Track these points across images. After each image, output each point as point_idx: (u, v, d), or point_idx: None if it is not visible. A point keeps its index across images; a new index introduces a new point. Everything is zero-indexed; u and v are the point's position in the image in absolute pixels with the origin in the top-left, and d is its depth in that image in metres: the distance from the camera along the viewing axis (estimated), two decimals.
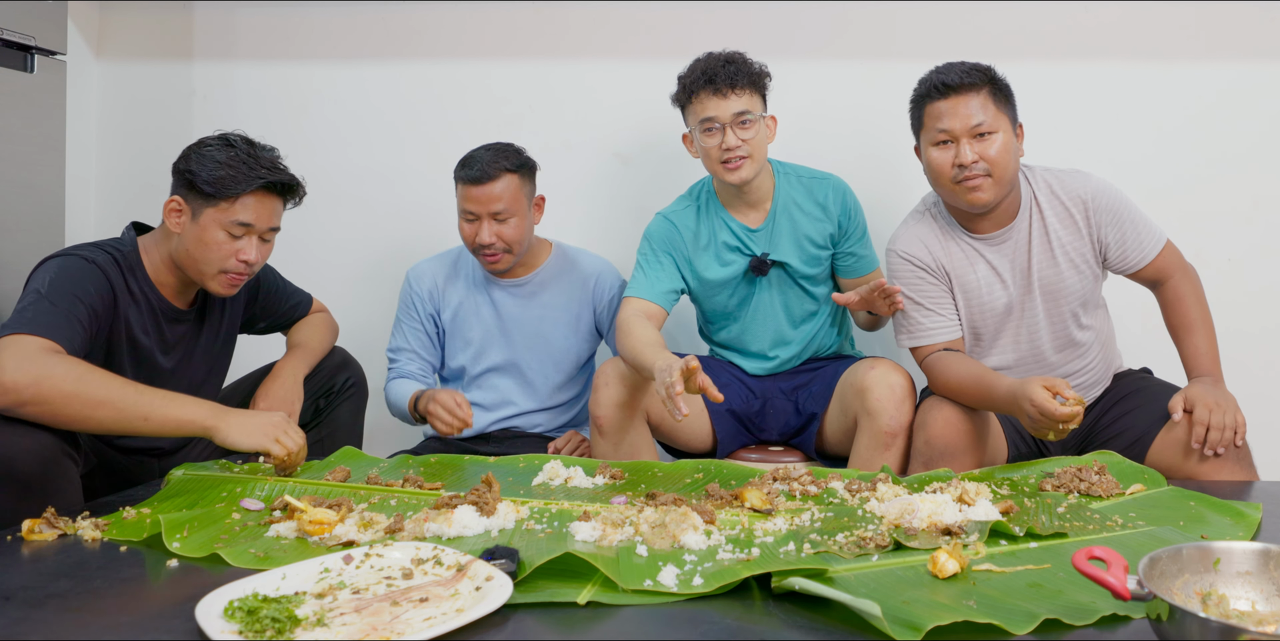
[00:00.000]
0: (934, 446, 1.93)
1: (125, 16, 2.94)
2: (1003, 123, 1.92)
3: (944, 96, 1.92)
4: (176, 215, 1.87)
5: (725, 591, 1.23)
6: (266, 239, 1.92)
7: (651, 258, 2.28)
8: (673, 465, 1.91)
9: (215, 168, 1.82)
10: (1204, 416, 1.82)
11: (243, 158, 1.84)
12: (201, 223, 1.85)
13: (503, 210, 2.25)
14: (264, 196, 1.87)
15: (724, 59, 2.17)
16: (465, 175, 2.26)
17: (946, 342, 2.04)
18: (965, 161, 1.90)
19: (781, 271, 2.29)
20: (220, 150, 1.85)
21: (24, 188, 2.35)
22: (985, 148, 1.90)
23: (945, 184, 1.96)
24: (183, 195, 1.87)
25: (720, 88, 2.14)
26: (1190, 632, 0.97)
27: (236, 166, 1.83)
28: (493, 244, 2.26)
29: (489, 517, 1.51)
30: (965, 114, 1.91)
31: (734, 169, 2.16)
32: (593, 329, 2.44)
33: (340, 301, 2.84)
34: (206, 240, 1.85)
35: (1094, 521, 1.50)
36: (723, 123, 2.14)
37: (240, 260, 1.87)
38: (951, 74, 1.92)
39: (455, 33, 2.83)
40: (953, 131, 1.91)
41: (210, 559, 1.37)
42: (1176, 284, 2.02)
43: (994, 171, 1.91)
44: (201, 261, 1.87)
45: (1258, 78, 2.56)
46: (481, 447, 2.37)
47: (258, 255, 1.89)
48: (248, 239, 1.87)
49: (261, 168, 1.85)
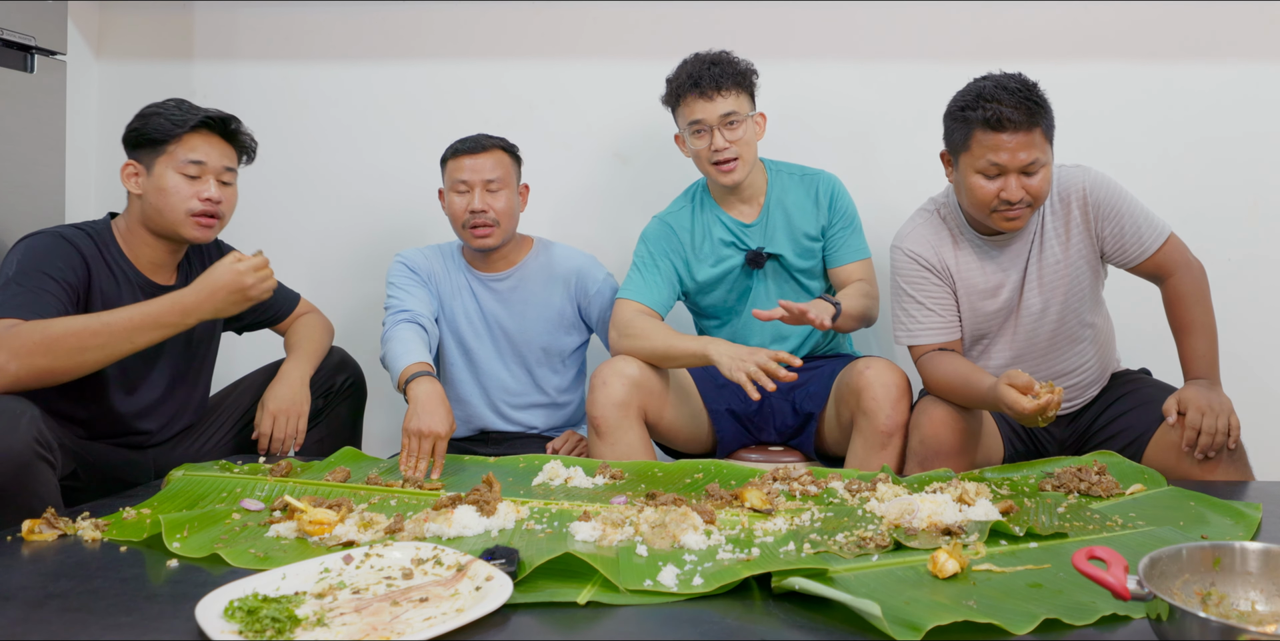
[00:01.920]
0: (928, 445, 1.93)
1: (125, 16, 2.94)
2: (1049, 153, 1.90)
3: (1000, 130, 1.85)
4: (135, 178, 1.93)
5: (725, 591, 1.23)
6: (226, 181, 1.96)
7: (649, 261, 2.29)
8: (673, 465, 1.91)
9: (154, 119, 1.91)
10: (1196, 420, 1.83)
11: (182, 106, 1.95)
12: (156, 172, 1.91)
13: (495, 180, 2.28)
14: (207, 135, 1.94)
15: (709, 60, 2.19)
16: (458, 147, 2.31)
17: (943, 343, 2.04)
18: (1013, 199, 1.88)
19: (777, 265, 2.30)
20: (159, 106, 1.95)
21: (24, 188, 2.35)
22: (1031, 181, 1.88)
23: (982, 211, 1.93)
24: (134, 156, 1.94)
25: (706, 90, 2.16)
26: (1190, 632, 0.97)
27: (173, 112, 1.93)
28: (486, 211, 2.26)
29: (489, 517, 1.51)
30: (1021, 152, 1.85)
31: (727, 171, 2.20)
32: (577, 322, 2.44)
33: (340, 301, 2.85)
34: (165, 187, 1.90)
35: (1094, 521, 1.50)
36: (710, 124, 2.17)
37: (203, 199, 1.92)
38: (1010, 106, 1.84)
39: (455, 33, 2.83)
40: (1004, 166, 1.87)
41: (210, 559, 1.37)
42: (1178, 282, 2.01)
43: (1035, 202, 1.90)
44: (166, 209, 1.91)
45: (1258, 78, 2.56)
46: (480, 448, 2.37)
47: (219, 194, 1.93)
48: (204, 179, 1.92)
49: (198, 109, 1.95)
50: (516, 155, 2.37)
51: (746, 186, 2.27)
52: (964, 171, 1.92)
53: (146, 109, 1.95)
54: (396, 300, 2.29)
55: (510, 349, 2.40)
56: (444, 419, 1.90)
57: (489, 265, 2.39)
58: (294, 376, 2.12)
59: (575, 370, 2.48)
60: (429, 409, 1.91)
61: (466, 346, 2.40)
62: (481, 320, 2.40)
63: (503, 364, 2.41)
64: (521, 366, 2.41)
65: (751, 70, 2.23)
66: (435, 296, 2.37)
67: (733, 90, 2.17)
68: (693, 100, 2.17)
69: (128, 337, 1.73)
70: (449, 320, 2.39)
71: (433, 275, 2.38)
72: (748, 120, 2.19)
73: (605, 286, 2.40)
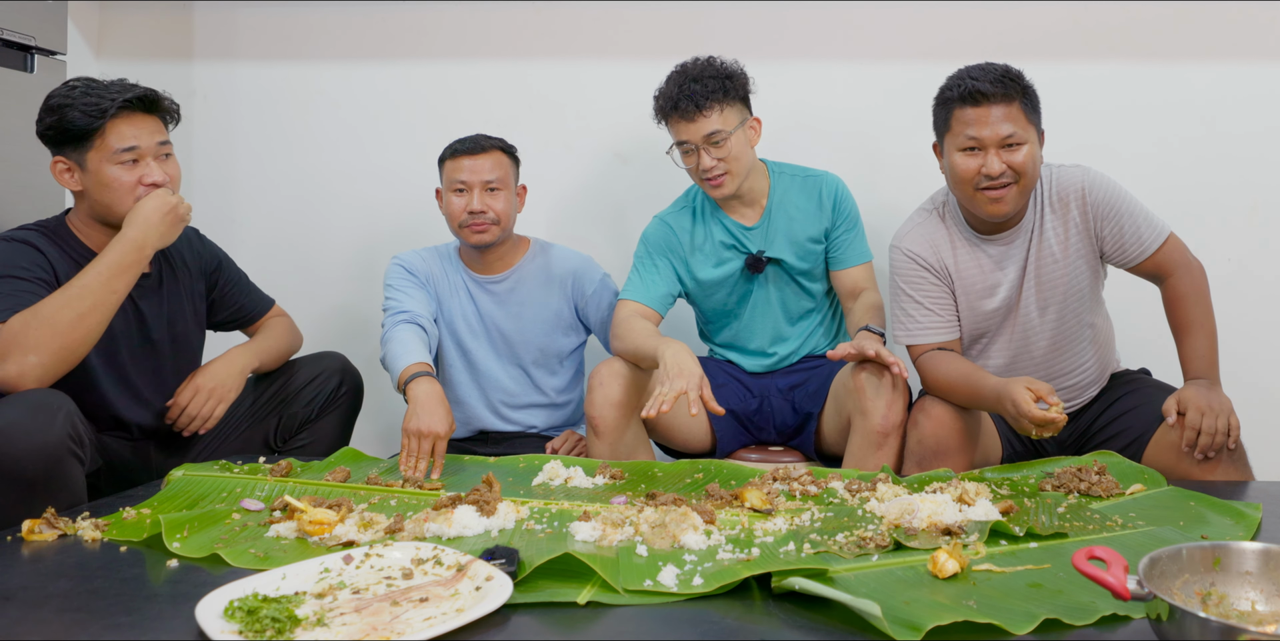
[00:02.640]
0: (926, 445, 1.93)
1: (125, 16, 2.94)
2: (1031, 133, 1.91)
3: (976, 104, 1.88)
4: (68, 174, 1.87)
5: (725, 591, 1.23)
6: (165, 155, 1.90)
7: (648, 261, 2.29)
8: (673, 465, 1.91)
9: (68, 112, 1.81)
10: (1196, 420, 1.83)
11: (91, 91, 1.83)
12: (91, 168, 1.84)
13: (494, 180, 2.28)
14: (131, 117, 1.85)
15: (692, 76, 2.15)
16: (458, 148, 2.30)
17: (942, 342, 2.04)
18: (993, 172, 1.88)
19: (778, 268, 2.29)
20: (66, 95, 1.83)
21: (24, 188, 2.35)
22: (1013, 156, 1.89)
23: (966, 190, 1.94)
24: (60, 152, 1.86)
25: (687, 111, 2.13)
26: (1190, 632, 0.97)
27: (89, 100, 1.81)
28: (485, 212, 2.26)
29: (489, 517, 1.51)
30: (997, 124, 1.87)
31: (716, 186, 2.19)
32: (574, 323, 2.44)
33: (340, 301, 2.85)
34: (107, 181, 1.84)
35: (1094, 521, 1.50)
36: (695, 144, 2.15)
37: (147, 185, 1.86)
38: (986, 81, 1.88)
39: (455, 33, 2.83)
40: (982, 140, 1.89)
41: (210, 559, 1.37)
42: (1178, 281, 2.01)
43: (1021, 180, 1.90)
44: (115, 202, 1.85)
45: (1259, 78, 2.56)
46: (480, 448, 2.37)
47: (163, 174, 1.88)
48: (143, 163, 1.86)
49: (114, 92, 1.84)
50: (515, 156, 2.37)
51: (747, 190, 2.26)
52: (948, 153, 1.95)
53: (54, 100, 1.83)
54: (395, 301, 2.28)
55: (508, 350, 2.40)
56: (443, 419, 1.90)
57: (486, 267, 2.39)
58: (236, 362, 2.05)
59: (573, 370, 2.48)
60: (428, 409, 1.91)
61: (464, 347, 2.40)
62: (479, 321, 2.40)
63: (500, 365, 2.41)
64: (519, 367, 2.41)
65: (738, 75, 2.18)
66: (434, 298, 2.36)
67: (716, 107, 2.13)
68: (675, 121, 2.16)
69: (108, 288, 1.75)
70: (447, 321, 2.39)
71: (430, 277, 2.38)
72: (736, 134, 2.16)
73: (602, 287, 2.40)
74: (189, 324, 2.07)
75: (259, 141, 2.90)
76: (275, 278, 2.46)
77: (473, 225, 2.28)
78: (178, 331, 2.03)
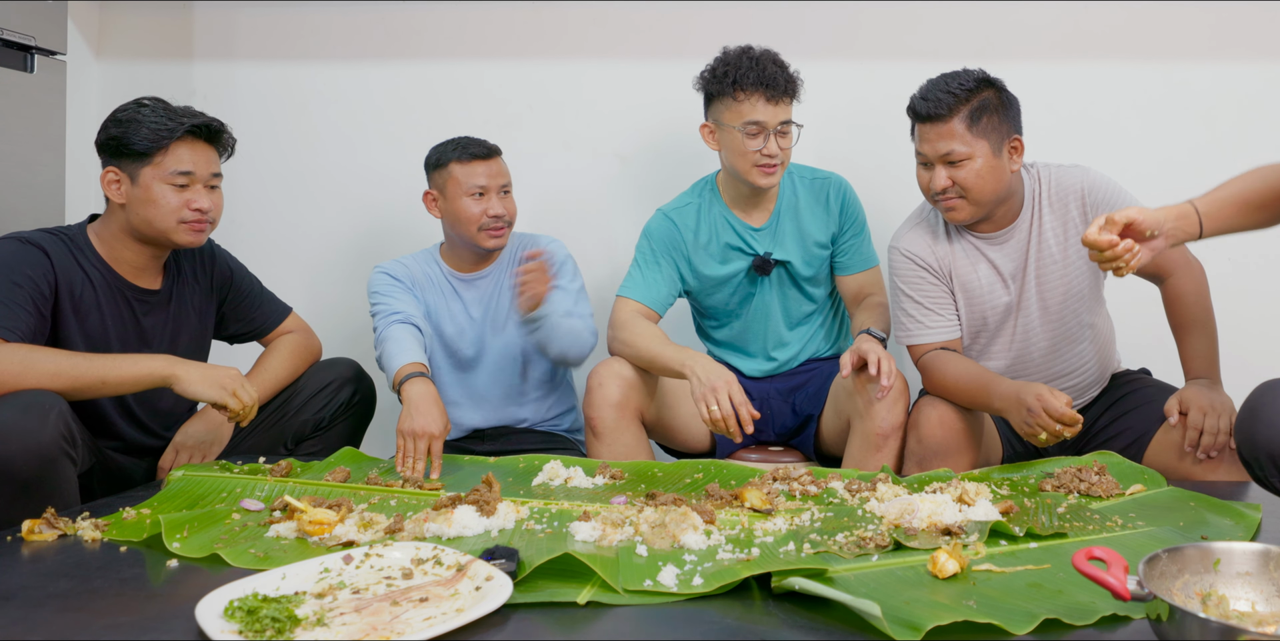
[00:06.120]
0: (927, 446, 1.93)
1: (125, 16, 2.94)
2: (980, 146, 1.90)
3: (921, 121, 1.93)
4: (116, 186, 1.88)
5: (725, 591, 1.23)
6: (213, 186, 1.93)
7: (650, 258, 2.28)
8: (673, 465, 1.91)
9: (138, 127, 1.85)
10: (1198, 420, 1.83)
11: (161, 112, 1.88)
12: (142, 183, 1.86)
13: (507, 183, 2.30)
14: (193, 143, 1.89)
15: (773, 60, 2.13)
16: (472, 152, 2.29)
17: (944, 342, 2.04)
18: (937, 187, 1.93)
19: (783, 271, 2.28)
20: (137, 111, 1.87)
21: (24, 188, 2.35)
22: (957, 172, 1.91)
23: (928, 198, 2.00)
24: (115, 164, 1.88)
25: (775, 93, 2.11)
26: (1190, 633, 0.97)
27: (158, 120, 1.85)
28: (503, 215, 2.28)
29: (489, 517, 1.51)
30: (935, 142, 1.91)
31: (769, 173, 2.16)
32: None
33: (339, 301, 2.85)
34: (154, 198, 1.86)
35: (1094, 521, 1.50)
36: (769, 128, 2.12)
37: (194, 209, 1.88)
38: (927, 101, 1.91)
39: (455, 33, 2.83)
40: (926, 155, 1.94)
41: (210, 559, 1.37)
42: (1178, 281, 2.01)
43: (968, 195, 1.93)
44: (157, 219, 1.87)
45: (1259, 78, 2.56)
46: (477, 446, 2.36)
47: (209, 203, 1.90)
48: (193, 188, 1.89)
49: (183, 116, 1.88)
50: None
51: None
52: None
53: (123, 114, 1.88)
54: (384, 305, 2.27)
55: (497, 343, 2.39)
56: (438, 419, 1.90)
57: (471, 265, 2.39)
58: (215, 418, 2.01)
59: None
60: (423, 409, 1.92)
61: (450, 348, 2.39)
62: (466, 319, 2.39)
63: (489, 360, 2.39)
64: (507, 359, 2.40)
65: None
66: (421, 302, 2.36)
67: (791, 97, 2.15)
68: (758, 99, 2.11)
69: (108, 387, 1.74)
70: (434, 324, 2.39)
71: (415, 281, 2.38)
72: (796, 129, 2.17)
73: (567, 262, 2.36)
74: (193, 339, 2.06)
75: (259, 141, 2.89)
76: (275, 277, 2.45)
77: (492, 229, 2.28)
78: (180, 347, 2.01)
